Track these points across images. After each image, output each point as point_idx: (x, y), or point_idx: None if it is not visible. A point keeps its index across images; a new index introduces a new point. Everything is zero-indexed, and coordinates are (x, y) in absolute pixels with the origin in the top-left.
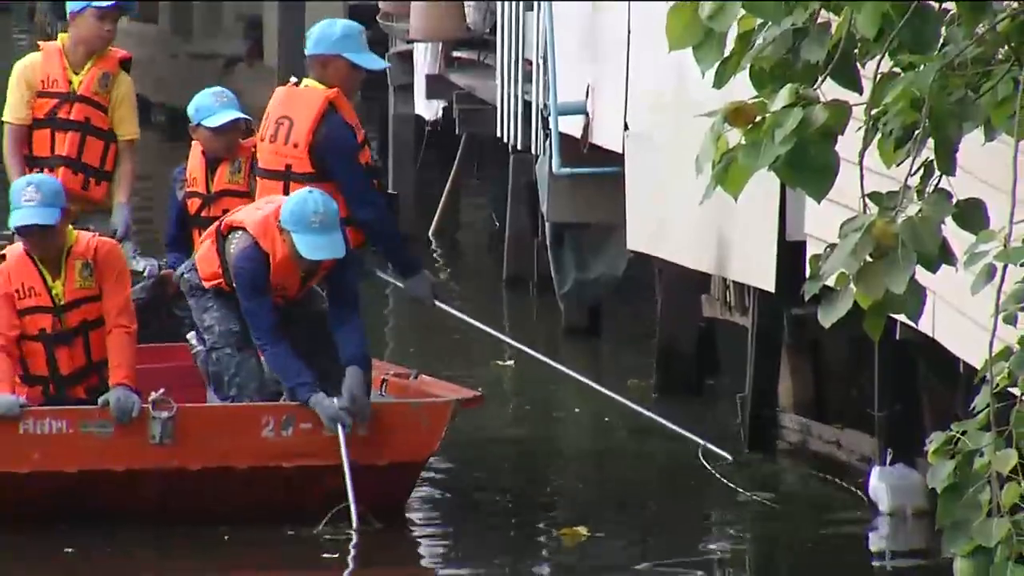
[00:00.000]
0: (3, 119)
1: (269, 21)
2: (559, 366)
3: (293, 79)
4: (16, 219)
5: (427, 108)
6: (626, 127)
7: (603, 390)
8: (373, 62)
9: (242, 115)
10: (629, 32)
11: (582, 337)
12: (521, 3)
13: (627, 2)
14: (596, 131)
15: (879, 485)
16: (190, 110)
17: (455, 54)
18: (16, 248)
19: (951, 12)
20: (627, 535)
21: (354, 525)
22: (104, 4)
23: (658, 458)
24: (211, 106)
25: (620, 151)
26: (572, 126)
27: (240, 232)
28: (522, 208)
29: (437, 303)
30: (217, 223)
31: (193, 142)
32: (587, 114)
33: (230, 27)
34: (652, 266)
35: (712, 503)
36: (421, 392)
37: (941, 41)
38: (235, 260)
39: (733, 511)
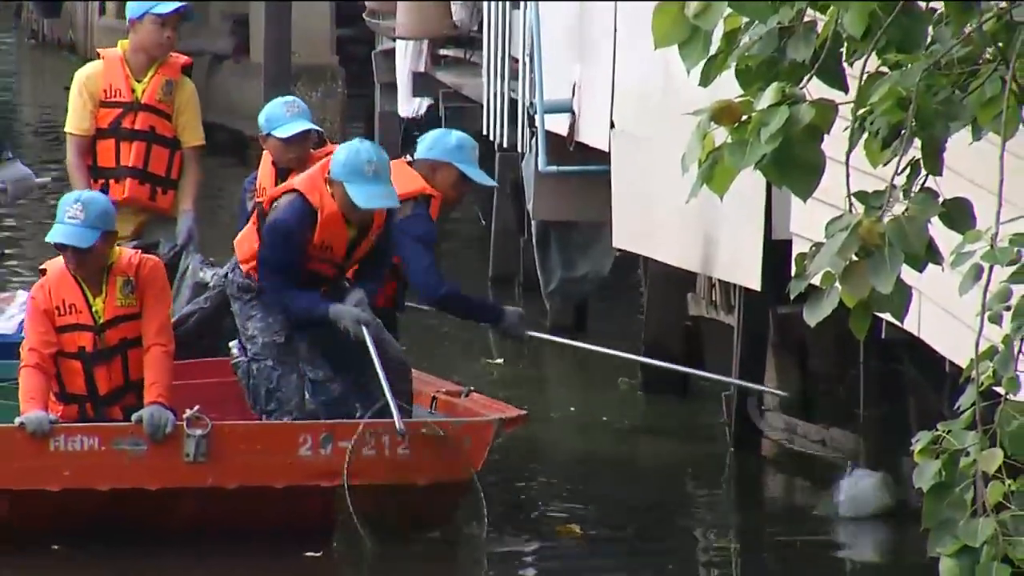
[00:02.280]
0: (65, 130)
1: (255, 19)
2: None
3: (408, 157)
4: (52, 234)
5: (406, 105)
6: (612, 125)
7: (630, 356)
8: (482, 177)
9: (313, 126)
10: (615, 30)
11: (568, 335)
12: (508, 1)
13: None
14: (582, 129)
15: (843, 495)
16: (260, 120)
17: (442, 52)
18: (57, 263)
19: (939, 11)
20: (618, 535)
21: (397, 426)
22: (164, 10)
23: (649, 458)
24: (282, 116)
25: (606, 149)
26: (558, 124)
27: (285, 196)
28: (508, 206)
29: (532, 334)
30: (261, 202)
31: (264, 152)
32: (573, 112)
33: (216, 25)
34: (638, 264)
35: (702, 502)
36: (469, 411)
37: (929, 40)
38: (278, 214)
39: (722, 510)
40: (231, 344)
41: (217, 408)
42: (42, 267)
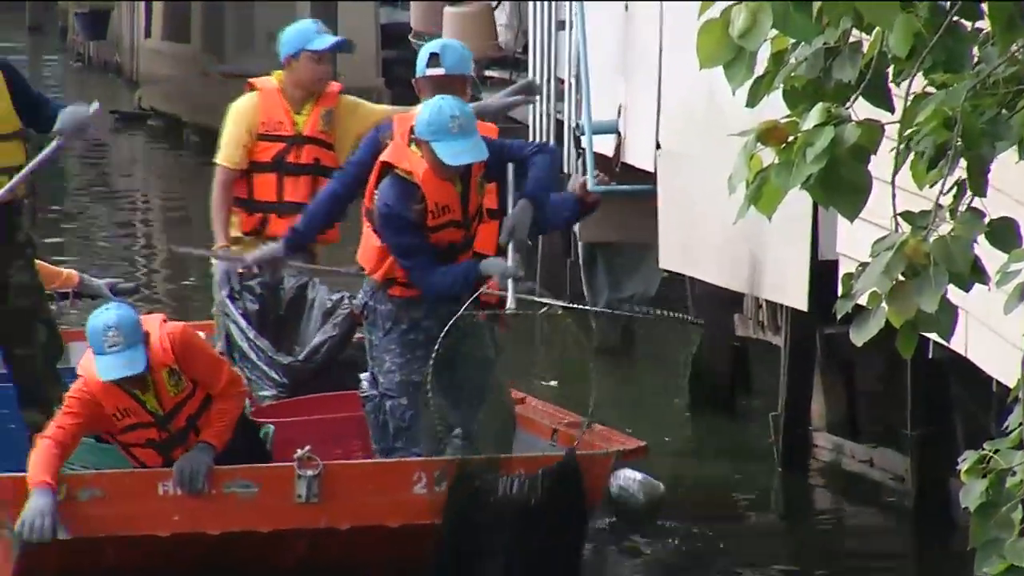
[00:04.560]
0: (216, 161)
1: None
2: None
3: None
4: (106, 371)
5: None
6: (658, 146)
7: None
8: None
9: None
10: (661, 51)
11: (615, 356)
12: (553, 22)
13: (659, 6)
14: (628, 150)
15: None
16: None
17: (487, 73)
18: (90, 370)
19: (984, 31)
20: (667, 555)
21: (509, 304)
22: (320, 47)
23: (697, 478)
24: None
25: (652, 170)
26: (605, 145)
27: (382, 180)
28: None
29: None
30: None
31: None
32: (619, 133)
33: (262, 46)
34: (685, 285)
35: (750, 522)
36: (588, 444)
37: (975, 60)
38: (381, 200)
39: (769, 530)
40: (361, 376)
41: (341, 445)
42: (80, 374)
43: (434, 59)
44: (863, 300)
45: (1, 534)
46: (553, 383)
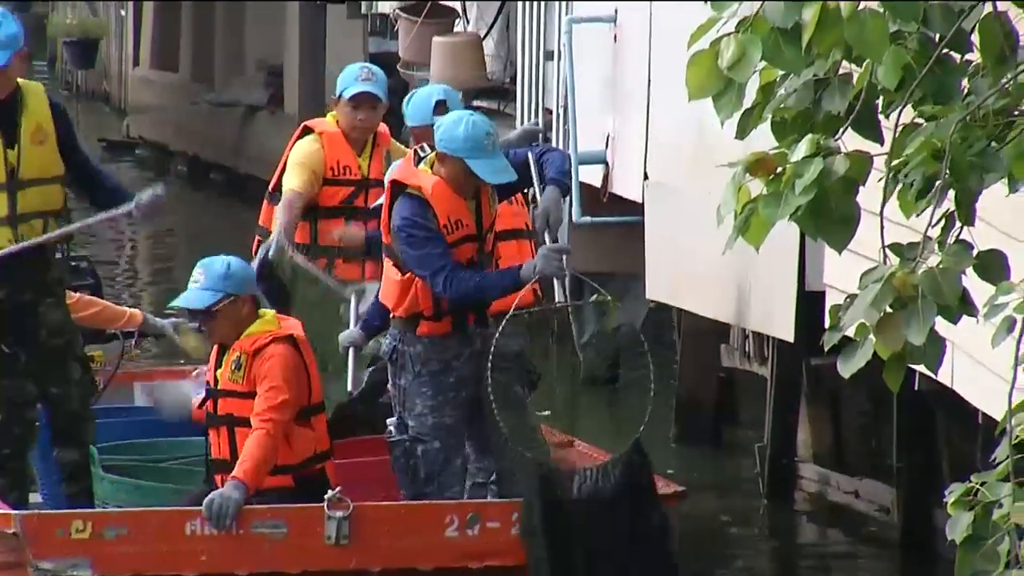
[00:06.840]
0: (290, 188)
1: (289, 69)
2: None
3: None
4: (177, 298)
5: None
6: (646, 176)
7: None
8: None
9: None
10: (649, 82)
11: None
12: (542, 52)
13: (648, 37)
14: (616, 180)
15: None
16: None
17: (475, 103)
18: None
19: (974, 63)
20: None
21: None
22: (349, 94)
23: (683, 509)
24: None
25: (640, 200)
26: (592, 175)
27: (394, 203)
28: None
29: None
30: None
31: None
32: (607, 164)
33: (251, 75)
34: (672, 316)
35: (736, 554)
36: (584, 456)
37: (965, 92)
38: (398, 219)
39: (756, 561)
40: (388, 422)
41: (387, 489)
42: None
43: (441, 106)
44: (851, 332)
45: (27, 572)
46: (547, 412)
